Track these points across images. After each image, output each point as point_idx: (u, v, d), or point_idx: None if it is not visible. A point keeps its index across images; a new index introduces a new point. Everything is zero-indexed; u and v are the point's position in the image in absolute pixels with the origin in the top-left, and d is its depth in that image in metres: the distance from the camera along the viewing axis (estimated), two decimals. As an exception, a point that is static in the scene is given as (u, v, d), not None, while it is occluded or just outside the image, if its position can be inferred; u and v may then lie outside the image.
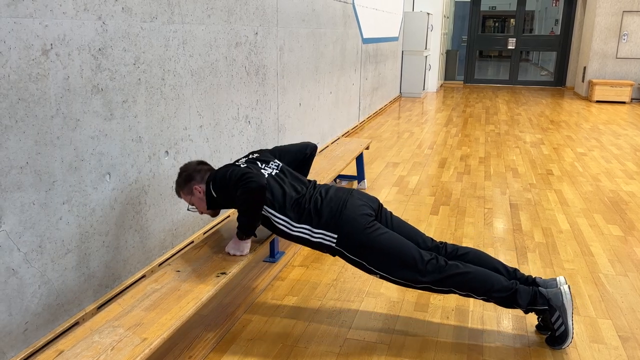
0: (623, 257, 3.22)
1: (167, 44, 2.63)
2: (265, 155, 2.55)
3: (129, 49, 2.35)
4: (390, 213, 2.48)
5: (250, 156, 2.53)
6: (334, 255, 2.35)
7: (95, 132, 2.19)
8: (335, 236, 2.27)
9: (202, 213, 2.50)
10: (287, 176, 2.46)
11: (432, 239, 2.44)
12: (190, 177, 2.40)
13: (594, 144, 6.43)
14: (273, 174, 2.43)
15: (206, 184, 2.37)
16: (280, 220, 2.33)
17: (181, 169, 2.44)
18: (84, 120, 2.12)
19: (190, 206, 2.47)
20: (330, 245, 2.29)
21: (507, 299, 2.24)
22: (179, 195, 2.47)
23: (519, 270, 2.35)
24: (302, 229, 2.32)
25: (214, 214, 2.53)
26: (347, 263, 3.10)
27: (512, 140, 6.64)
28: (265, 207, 2.33)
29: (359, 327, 2.45)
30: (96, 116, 2.19)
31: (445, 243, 2.42)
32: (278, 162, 2.54)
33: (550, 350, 2.28)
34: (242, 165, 2.40)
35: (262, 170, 2.40)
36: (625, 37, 10.53)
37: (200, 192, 2.39)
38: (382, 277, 2.30)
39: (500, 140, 6.60)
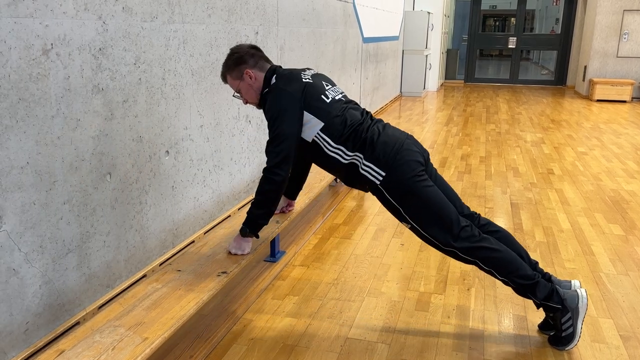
0: (624, 256, 3.22)
1: (168, 44, 2.63)
2: (330, 80, 2.45)
3: (129, 49, 2.35)
4: (436, 170, 2.41)
5: (317, 74, 2.43)
6: (373, 194, 2.26)
7: (95, 132, 2.19)
8: (384, 174, 2.19)
9: (246, 103, 2.39)
10: (349, 103, 2.36)
11: (468, 207, 2.39)
12: (242, 59, 2.28)
13: (595, 143, 6.42)
14: (336, 98, 2.33)
15: (265, 74, 2.28)
16: (336, 149, 2.23)
17: (232, 49, 2.32)
18: (84, 120, 2.12)
19: (235, 93, 2.36)
20: (374, 182, 2.21)
21: (526, 287, 2.21)
22: (224, 80, 2.35)
23: (539, 264, 2.34)
24: (354, 158, 2.23)
25: (260, 105, 2.40)
26: (348, 261, 3.10)
27: (512, 139, 6.64)
28: (320, 133, 2.23)
29: (359, 327, 2.45)
30: (97, 116, 2.19)
31: (479, 215, 2.38)
32: (340, 89, 2.42)
33: (551, 350, 2.28)
34: (308, 80, 2.29)
35: (327, 92, 2.31)
36: (626, 36, 10.52)
37: (252, 78, 2.29)
38: (412, 229, 2.25)
39: (501, 140, 6.60)
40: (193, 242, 2.99)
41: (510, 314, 2.56)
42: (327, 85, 2.37)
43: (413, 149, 2.24)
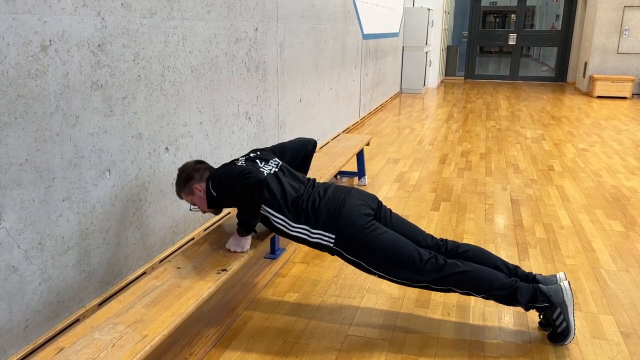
0: (624, 252, 3.21)
1: (167, 40, 2.62)
2: (265, 154, 2.53)
3: (128, 45, 2.34)
4: (390, 211, 2.46)
5: (251, 154, 2.53)
6: (332, 255, 2.34)
7: (95, 129, 2.18)
8: (333, 237, 2.26)
9: (204, 212, 2.49)
10: (286, 175, 2.45)
11: (432, 236, 2.42)
12: (189, 176, 2.39)
13: (595, 140, 6.42)
14: (272, 172, 2.41)
15: (206, 183, 2.37)
16: (279, 219, 2.32)
17: (179, 170, 2.43)
18: (83, 117, 2.11)
19: (192, 206, 2.46)
20: (328, 246, 2.29)
21: (507, 297, 2.23)
22: (180, 197, 2.46)
23: (519, 268, 2.34)
24: (300, 229, 2.31)
25: (217, 212, 2.52)
26: (348, 259, 3.10)
27: (513, 136, 6.63)
28: (264, 206, 2.32)
29: (360, 324, 2.44)
30: (96, 113, 2.18)
31: (446, 240, 2.41)
32: (278, 160, 2.53)
33: (552, 346, 2.28)
34: (240, 164, 2.39)
35: (261, 169, 2.39)
36: (627, 32, 10.50)
37: (200, 191, 2.38)
38: (380, 277, 2.29)
39: (501, 136, 6.59)
40: (193, 239, 2.99)
41: (510, 310, 2.56)
42: (261, 162, 2.44)
43: (355, 203, 2.30)
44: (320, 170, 3.77)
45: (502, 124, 7.45)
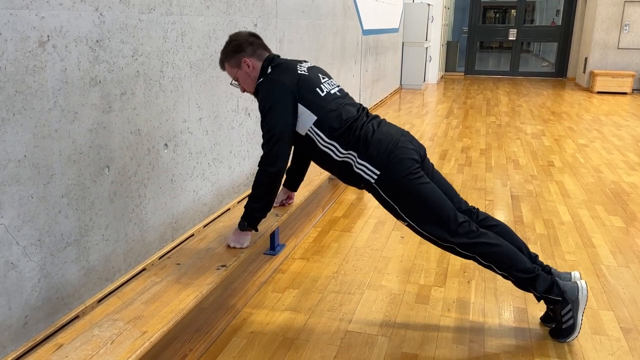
0: (625, 248, 3.21)
1: (166, 36, 2.61)
2: (325, 73, 2.40)
3: (127, 41, 2.33)
4: (432, 165, 2.38)
5: (312, 64, 2.39)
6: (368, 192, 2.24)
7: (93, 125, 2.18)
8: (378, 173, 2.16)
9: (244, 91, 2.37)
10: (345, 98, 2.32)
11: (466, 202, 2.37)
12: (241, 47, 2.26)
13: (596, 135, 6.41)
14: (332, 92, 2.29)
15: (261, 66, 2.25)
16: (329, 144, 2.21)
17: (231, 37, 2.29)
18: (82, 113, 2.11)
19: (233, 81, 2.34)
20: (369, 181, 2.19)
21: (526, 281, 2.20)
22: (222, 67, 2.33)
23: (538, 257, 2.33)
24: (347, 156, 2.19)
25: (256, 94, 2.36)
26: (348, 254, 3.09)
27: (513, 131, 6.62)
28: (313, 127, 2.20)
29: (359, 320, 2.44)
30: (94, 109, 2.17)
31: (478, 210, 2.37)
32: (336, 82, 2.40)
33: (552, 342, 2.27)
34: (302, 72, 2.26)
35: (322, 85, 2.28)
36: (627, 27, 10.47)
37: (249, 67, 2.27)
38: (409, 226, 2.23)
39: (501, 132, 6.58)
40: (192, 235, 2.98)
41: (510, 306, 2.55)
42: (323, 78, 2.33)
43: (408, 147, 2.21)
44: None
45: (502, 119, 7.44)
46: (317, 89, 2.25)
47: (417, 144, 2.29)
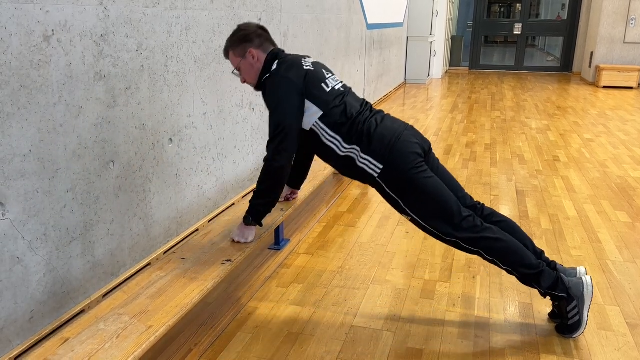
0: (631, 243, 3.20)
1: (170, 30, 2.60)
2: (328, 69, 2.41)
3: (131, 35, 2.32)
4: (438, 160, 2.37)
5: (316, 60, 2.40)
6: (372, 186, 2.24)
7: (98, 120, 2.17)
8: (381, 167, 2.16)
9: (244, 82, 2.37)
10: (348, 93, 2.33)
11: (471, 197, 2.36)
12: (248, 37, 2.26)
13: (601, 130, 6.37)
14: (336, 87, 2.30)
15: (265, 58, 2.26)
16: (332, 138, 2.21)
17: (239, 26, 2.30)
18: (86, 108, 2.10)
19: (235, 70, 2.34)
20: (372, 175, 2.19)
21: (530, 277, 2.20)
22: (226, 55, 2.33)
23: (544, 253, 2.32)
24: (350, 150, 2.20)
25: (258, 87, 2.37)
26: (353, 249, 3.09)
27: (518, 126, 6.59)
28: (318, 122, 2.21)
29: (364, 315, 2.44)
30: (99, 103, 2.17)
31: (483, 205, 2.36)
32: (338, 78, 2.42)
33: (558, 338, 2.27)
34: (307, 67, 2.26)
35: (327, 80, 2.29)
36: (633, 21, 10.39)
37: (254, 58, 2.27)
38: (412, 220, 2.23)
39: (506, 127, 6.55)
40: (197, 230, 2.98)
41: (516, 302, 2.55)
42: (327, 74, 2.34)
43: (411, 141, 2.20)
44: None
45: (507, 114, 7.41)
46: (323, 85, 2.26)
47: (421, 138, 2.28)
